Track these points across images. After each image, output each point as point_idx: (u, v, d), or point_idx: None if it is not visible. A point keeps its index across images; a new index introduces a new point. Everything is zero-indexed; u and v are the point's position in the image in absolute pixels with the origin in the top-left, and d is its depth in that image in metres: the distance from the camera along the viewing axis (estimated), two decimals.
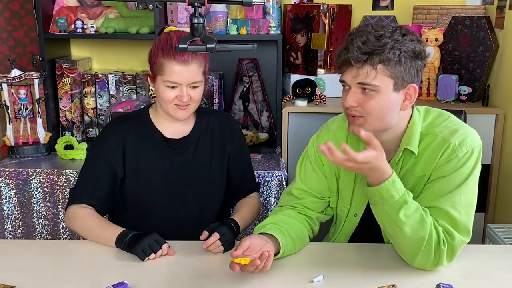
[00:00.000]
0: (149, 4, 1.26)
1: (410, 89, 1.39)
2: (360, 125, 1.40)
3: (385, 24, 1.40)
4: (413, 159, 1.45)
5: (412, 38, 1.36)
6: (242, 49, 1.28)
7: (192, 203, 1.71)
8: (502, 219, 2.56)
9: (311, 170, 1.60)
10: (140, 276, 1.37)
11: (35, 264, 1.44)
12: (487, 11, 2.71)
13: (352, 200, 1.57)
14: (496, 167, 2.57)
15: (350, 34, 1.38)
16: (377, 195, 1.34)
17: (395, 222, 1.34)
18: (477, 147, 1.43)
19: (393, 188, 1.32)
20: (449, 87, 2.66)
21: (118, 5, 2.74)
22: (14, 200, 2.45)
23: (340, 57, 1.38)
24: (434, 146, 1.42)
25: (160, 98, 1.63)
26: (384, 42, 1.33)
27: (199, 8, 1.21)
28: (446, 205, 1.38)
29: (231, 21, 2.64)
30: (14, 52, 2.98)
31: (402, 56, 1.34)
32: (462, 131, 1.43)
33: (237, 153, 1.78)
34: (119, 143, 1.67)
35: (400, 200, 1.32)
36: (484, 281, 1.37)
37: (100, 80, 2.76)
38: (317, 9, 2.62)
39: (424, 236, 1.34)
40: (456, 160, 1.39)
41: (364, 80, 1.35)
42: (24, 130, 2.67)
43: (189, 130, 1.71)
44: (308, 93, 2.66)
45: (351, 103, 1.38)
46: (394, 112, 1.40)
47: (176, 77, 1.57)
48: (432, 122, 1.47)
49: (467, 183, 1.39)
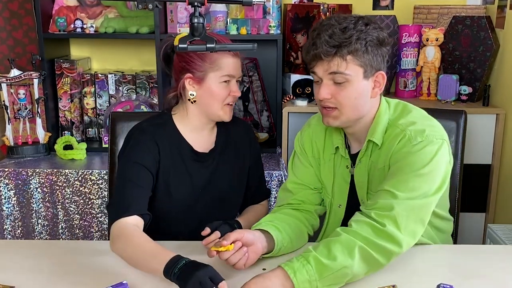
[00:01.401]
0: (149, 4, 1.26)
1: (378, 76, 1.44)
2: (335, 117, 1.45)
3: (347, 15, 1.44)
4: (377, 150, 1.48)
5: (374, 26, 1.42)
6: (242, 49, 1.28)
7: (212, 213, 1.67)
8: (502, 219, 2.56)
9: (299, 163, 1.65)
10: (140, 277, 1.36)
11: (34, 265, 1.44)
12: (487, 10, 2.70)
13: (333, 190, 1.60)
14: (497, 167, 2.57)
15: (315, 29, 1.43)
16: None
17: (341, 277, 1.27)
18: (438, 140, 1.40)
19: (300, 276, 1.23)
20: (450, 87, 2.65)
21: (117, 4, 2.73)
22: (14, 200, 2.45)
23: (310, 53, 1.42)
24: (392, 136, 1.45)
25: (213, 98, 1.57)
26: (350, 34, 1.38)
27: (199, 7, 1.21)
28: (393, 187, 1.34)
29: (231, 21, 2.63)
30: (13, 52, 2.98)
31: (368, 45, 1.39)
32: (422, 123, 1.45)
33: (255, 162, 1.77)
34: (155, 151, 1.57)
35: (317, 269, 1.24)
36: (485, 281, 1.36)
37: (100, 80, 2.76)
38: (317, 8, 2.62)
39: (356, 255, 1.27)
40: (410, 146, 1.40)
41: (337, 69, 1.39)
42: (23, 130, 2.66)
43: (213, 141, 1.68)
44: (308, 93, 2.66)
45: (325, 95, 1.43)
46: (365, 101, 1.45)
47: (232, 70, 1.57)
48: (399, 115, 1.49)
49: (421, 173, 1.35)
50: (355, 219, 1.35)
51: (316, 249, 1.29)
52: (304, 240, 1.57)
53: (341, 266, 1.25)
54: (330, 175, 1.60)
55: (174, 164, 1.61)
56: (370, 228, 1.30)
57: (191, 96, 1.59)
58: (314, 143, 1.63)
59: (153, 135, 1.59)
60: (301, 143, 1.66)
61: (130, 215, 1.45)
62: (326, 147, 1.61)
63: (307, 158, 1.64)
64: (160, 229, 1.60)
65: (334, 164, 1.59)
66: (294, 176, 1.65)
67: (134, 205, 1.48)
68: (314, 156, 1.63)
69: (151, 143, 1.58)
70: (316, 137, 1.63)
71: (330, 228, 1.64)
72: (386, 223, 1.30)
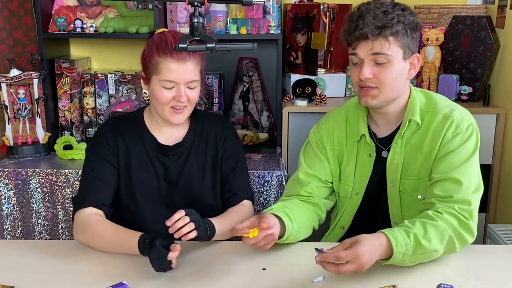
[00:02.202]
0: (149, 4, 1.26)
1: (414, 58, 1.55)
2: (374, 97, 1.53)
3: (382, 1, 1.52)
4: (417, 133, 1.56)
5: (410, 12, 1.53)
6: (242, 48, 1.27)
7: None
8: (503, 219, 2.55)
9: (314, 156, 1.68)
10: (139, 277, 1.36)
11: (34, 265, 1.44)
12: (488, 10, 2.70)
13: (355, 179, 1.65)
14: (497, 167, 2.57)
15: (353, 14, 1.50)
16: (396, 260, 1.34)
17: (426, 257, 1.40)
18: (474, 123, 1.55)
19: (400, 248, 1.33)
20: (450, 87, 2.65)
21: (117, 4, 2.73)
22: (13, 200, 2.45)
23: (353, 33, 1.50)
24: (437, 122, 1.54)
25: (156, 100, 1.59)
26: (391, 17, 1.47)
27: (199, 7, 1.21)
28: (459, 175, 1.47)
29: (231, 21, 2.63)
30: (13, 52, 2.97)
31: (407, 28, 1.49)
32: (459, 109, 1.57)
33: (228, 156, 1.71)
34: (114, 144, 1.64)
35: (413, 246, 1.34)
36: (485, 281, 1.36)
37: (100, 80, 2.76)
38: (317, 8, 2.61)
39: (446, 239, 1.40)
40: (461, 134, 1.51)
41: (381, 50, 1.48)
42: (23, 130, 2.66)
43: (182, 135, 1.67)
44: (309, 93, 2.65)
45: (367, 75, 1.50)
46: (403, 81, 1.54)
47: (173, 76, 1.54)
48: (429, 100, 1.60)
49: (474, 158, 1.51)
50: (444, 209, 1.43)
51: (414, 226, 1.37)
52: (309, 232, 1.60)
53: (433, 249, 1.36)
54: (352, 164, 1.65)
55: (137, 154, 1.65)
56: (457, 220, 1.41)
57: (144, 94, 1.64)
58: (335, 135, 1.67)
59: (114, 127, 1.67)
60: (318, 136, 1.70)
61: (87, 207, 1.56)
62: (348, 136, 1.65)
63: (324, 153, 1.68)
64: (139, 225, 1.60)
65: (357, 153, 1.64)
66: (307, 167, 1.67)
67: (91, 197, 1.58)
68: (333, 149, 1.67)
69: (110, 136, 1.65)
70: (337, 127, 1.68)
71: (344, 216, 1.69)
72: (469, 217, 1.43)
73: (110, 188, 1.62)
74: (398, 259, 1.33)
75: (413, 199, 1.58)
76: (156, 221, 1.64)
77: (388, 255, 1.33)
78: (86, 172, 1.64)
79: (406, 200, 1.60)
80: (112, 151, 1.64)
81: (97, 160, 1.64)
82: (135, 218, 1.66)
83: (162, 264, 1.34)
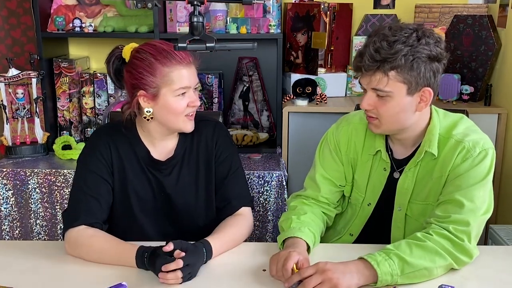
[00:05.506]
0: (148, 3, 1.25)
1: (425, 92, 1.41)
2: (376, 126, 1.48)
3: (404, 25, 1.41)
4: (432, 160, 1.49)
5: (428, 41, 1.38)
6: (242, 48, 1.27)
7: (181, 223, 1.63)
8: (504, 220, 2.55)
9: (330, 157, 1.64)
10: (139, 278, 1.35)
11: (33, 265, 1.43)
12: (489, 9, 2.69)
13: (367, 189, 1.61)
14: (499, 167, 2.56)
15: (370, 36, 1.42)
16: (385, 281, 1.30)
17: (420, 276, 1.33)
18: (491, 149, 1.46)
19: (383, 268, 1.28)
20: (451, 86, 2.64)
21: (116, 3, 2.72)
22: (12, 200, 2.43)
23: (355, 63, 1.44)
24: (449, 148, 1.46)
25: (171, 112, 1.52)
26: (397, 50, 1.36)
27: (199, 6, 1.20)
28: (463, 197, 1.40)
29: (230, 20, 2.62)
30: (11, 51, 2.96)
31: (415, 62, 1.36)
32: (475, 135, 1.48)
33: (221, 161, 1.65)
34: (108, 155, 1.57)
35: (399, 265, 1.30)
36: (486, 282, 1.36)
37: (99, 80, 2.75)
38: (317, 7, 2.60)
39: (436, 259, 1.34)
40: (471, 159, 1.43)
41: (377, 86, 1.40)
42: (21, 130, 2.65)
43: (173, 149, 1.61)
44: (309, 93, 2.64)
45: (366, 106, 1.45)
46: (408, 115, 1.45)
47: (186, 81, 1.51)
48: (450, 125, 1.50)
49: (483, 183, 1.42)
50: (435, 230, 1.37)
51: (398, 248, 1.33)
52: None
53: (422, 267, 1.31)
54: (365, 175, 1.60)
55: (132, 166, 1.59)
56: (449, 241, 1.35)
57: (147, 113, 1.53)
58: (352, 142, 1.62)
59: (108, 137, 1.59)
60: (336, 139, 1.63)
61: (79, 225, 1.49)
62: (365, 148, 1.60)
63: (339, 155, 1.63)
64: (135, 236, 1.56)
65: (372, 165, 1.59)
66: (322, 169, 1.64)
67: (83, 214, 1.51)
68: (348, 155, 1.62)
69: (104, 148, 1.57)
70: (356, 136, 1.61)
71: (355, 224, 1.66)
72: (465, 239, 1.36)
73: (104, 205, 1.55)
74: (387, 280, 1.28)
75: (419, 224, 1.52)
76: (153, 232, 1.62)
77: (375, 279, 1.28)
78: (79, 186, 1.56)
79: (411, 225, 1.56)
80: (106, 164, 1.57)
81: (90, 174, 1.55)
82: (131, 230, 1.61)
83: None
